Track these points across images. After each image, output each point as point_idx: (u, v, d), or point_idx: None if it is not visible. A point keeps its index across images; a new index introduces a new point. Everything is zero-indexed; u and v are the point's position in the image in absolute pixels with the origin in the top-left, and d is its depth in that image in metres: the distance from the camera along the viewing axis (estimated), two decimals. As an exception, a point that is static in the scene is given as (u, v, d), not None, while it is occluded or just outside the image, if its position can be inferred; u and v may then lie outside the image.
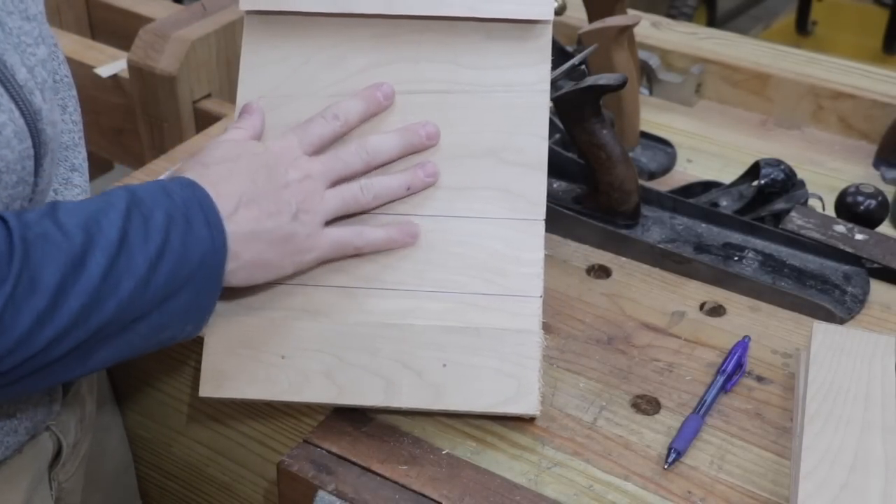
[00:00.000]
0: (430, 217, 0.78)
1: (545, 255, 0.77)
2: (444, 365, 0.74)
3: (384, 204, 0.77)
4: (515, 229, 0.77)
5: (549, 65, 0.80)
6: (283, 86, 0.81)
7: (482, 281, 0.76)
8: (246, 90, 0.81)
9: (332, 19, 0.81)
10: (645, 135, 1.14)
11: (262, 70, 0.81)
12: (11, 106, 0.61)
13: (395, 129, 0.78)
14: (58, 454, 0.81)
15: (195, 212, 0.66)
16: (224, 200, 0.68)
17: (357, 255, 0.77)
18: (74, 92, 0.76)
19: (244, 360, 0.75)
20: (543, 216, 0.77)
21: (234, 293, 0.75)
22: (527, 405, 0.74)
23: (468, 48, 0.80)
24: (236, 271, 0.70)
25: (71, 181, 0.75)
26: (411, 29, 0.80)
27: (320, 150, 0.76)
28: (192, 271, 0.65)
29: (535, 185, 0.78)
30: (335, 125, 0.77)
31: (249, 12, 0.81)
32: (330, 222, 0.75)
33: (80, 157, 0.77)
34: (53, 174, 0.71)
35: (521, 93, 0.79)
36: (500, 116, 0.79)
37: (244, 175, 0.71)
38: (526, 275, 0.76)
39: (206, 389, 0.75)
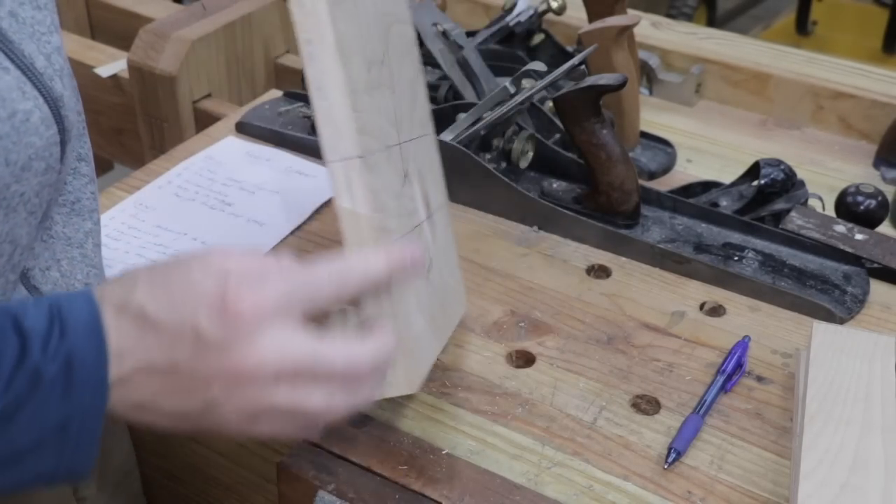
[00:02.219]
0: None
1: (546, 255, 0.77)
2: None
3: None
4: None
5: None
6: None
7: None
8: None
9: None
10: (645, 135, 1.14)
11: None
12: (35, 93, 0.62)
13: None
14: None
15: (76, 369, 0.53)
16: (123, 359, 0.55)
17: None
18: (75, 83, 0.76)
19: None
20: None
21: None
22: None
23: None
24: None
25: (79, 170, 0.75)
26: None
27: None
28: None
29: None
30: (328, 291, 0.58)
31: None
32: None
33: (86, 147, 0.77)
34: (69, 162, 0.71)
35: None
36: None
37: (164, 333, 0.55)
38: None
39: None
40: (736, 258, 0.93)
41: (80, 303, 0.55)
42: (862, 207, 0.96)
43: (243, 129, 1.14)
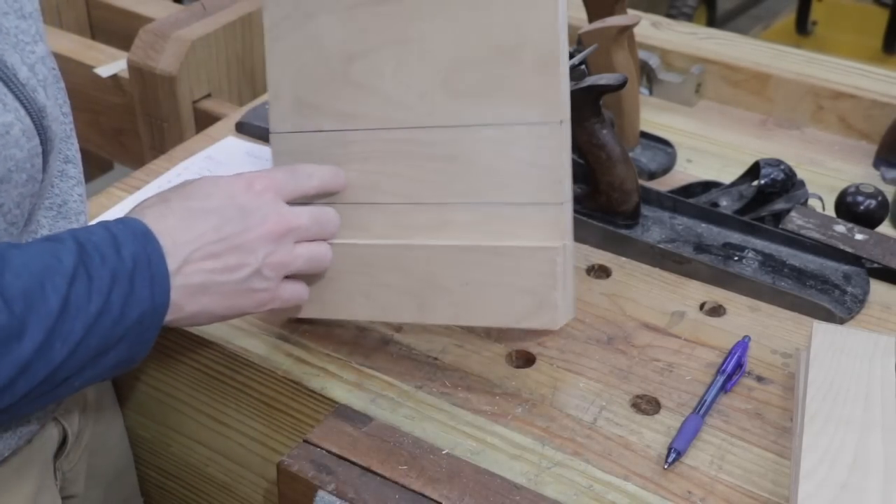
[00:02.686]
0: (453, 128, 0.77)
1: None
2: (467, 283, 0.77)
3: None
4: (534, 134, 0.76)
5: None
6: (304, 3, 0.79)
7: (506, 189, 0.76)
8: (271, 12, 0.80)
9: None
10: (645, 135, 1.14)
11: None
12: (17, 105, 0.61)
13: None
14: (62, 444, 0.82)
15: (141, 269, 0.64)
16: (179, 249, 0.66)
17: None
18: (62, 84, 0.76)
19: None
20: (564, 117, 0.75)
21: None
22: (547, 320, 0.75)
23: None
24: (177, 321, 0.68)
25: (66, 173, 0.75)
26: None
27: (296, 200, 0.76)
28: (128, 329, 0.64)
29: (553, 86, 0.75)
30: (311, 185, 0.77)
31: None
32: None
33: (73, 149, 0.77)
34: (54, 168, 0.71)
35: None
36: (507, 11, 0.75)
37: (211, 220, 0.69)
38: (547, 180, 0.75)
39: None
40: (736, 258, 0.93)
41: (126, 221, 0.66)
42: (862, 207, 0.96)
43: (243, 129, 1.14)
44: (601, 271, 0.94)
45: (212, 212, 0.69)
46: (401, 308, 0.79)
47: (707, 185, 1.03)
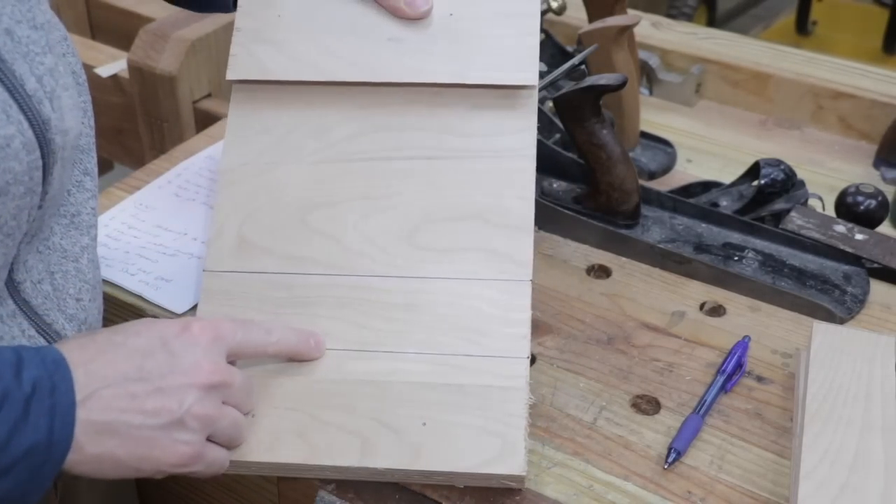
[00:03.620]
0: (416, 279, 0.75)
1: (546, 255, 0.77)
2: (425, 423, 0.70)
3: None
4: (501, 290, 0.75)
5: (534, 130, 0.79)
6: (268, 153, 0.80)
7: (467, 342, 0.73)
8: (230, 157, 0.81)
9: (317, 88, 0.80)
10: (645, 135, 1.14)
11: (247, 138, 0.81)
12: (20, 117, 0.60)
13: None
14: None
15: (41, 397, 0.58)
16: (91, 381, 0.60)
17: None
18: (88, 97, 0.76)
19: None
20: (530, 277, 0.75)
21: None
22: (512, 465, 0.68)
23: (454, 115, 0.79)
24: (77, 463, 0.60)
25: (83, 185, 0.75)
26: (396, 97, 0.80)
27: (241, 356, 0.69)
28: (16, 461, 0.57)
29: (521, 247, 0.76)
30: (269, 342, 0.70)
31: (236, 82, 0.82)
32: None
33: (92, 162, 0.77)
34: (68, 178, 0.71)
35: (508, 158, 0.78)
36: (487, 180, 0.78)
37: (135, 358, 0.62)
38: (512, 335, 0.73)
39: None
40: (736, 258, 0.93)
41: (43, 348, 0.61)
42: (862, 207, 0.96)
43: (243, 129, 1.14)
44: (601, 271, 0.94)
45: (137, 350, 0.63)
46: (343, 451, 0.70)
47: (707, 185, 1.03)
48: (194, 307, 0.85)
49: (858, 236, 0.93)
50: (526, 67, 0.79)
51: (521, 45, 0.79)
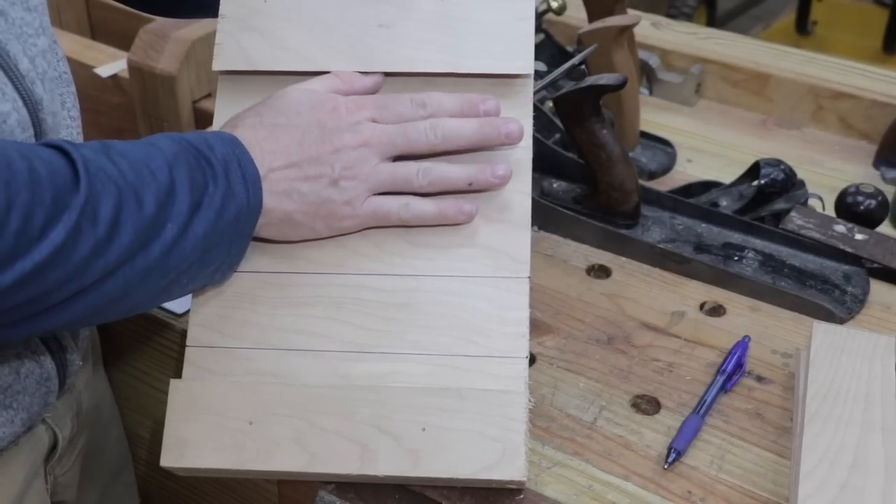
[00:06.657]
0: (411, 276, 0.74)
1: (546, 255, 0.77)
2: (424, 429, 0.69)
3: (439, 193, 0.75)
4: (499, 288, 0.73)
5: (531, 120, 0.77)
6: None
7: (465, 342, 0.72)
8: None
9: (305, 77, 0.78)
10: (645, 135, 1.14)
11: None
12: (15, 95, 0.62)
13: (475, 119, 0.75)
14: (53, 448, 0.81)
15: (233, 169, 0.67)
16: (265, 158, 0.70)
17: (401, 226, 0.75)
18: (73, 88, 0.76)
19: (209, 427, 0.70)
20: (528, 274, 0.74)
21: (199, 355, 0.72)
22: (513, 471, 0.67)
23: None
24: (266, 226, 0.71)
25: None
26: (387, 86, 0.78)
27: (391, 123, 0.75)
28: (228, 226, 0.67)
29: (519, 243, 0.74)
30: (418, 113, 0.74)
31: (222, 73, 0.80)
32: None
33: None
34: None
35: (504, 149, 0.76)
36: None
37: (294, 134, 0.71)
38: (510, 335, 0.71)
39: (168, 459, 0.69)
40: (736, 258, 0.93)
41: (216, 131, 0.71)
42: (862, 207, 0.96)
43: (243, 129, 1.14)
44: (601, 271, 0.94)
45: (298, 127, 0.72)
46: (342, 458, 0.69)
47: (707, 185, 1.03)
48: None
49: (858, 236, 0.93)
50: (520, 55, 0.77)
51: (514, 31, 0.77)
